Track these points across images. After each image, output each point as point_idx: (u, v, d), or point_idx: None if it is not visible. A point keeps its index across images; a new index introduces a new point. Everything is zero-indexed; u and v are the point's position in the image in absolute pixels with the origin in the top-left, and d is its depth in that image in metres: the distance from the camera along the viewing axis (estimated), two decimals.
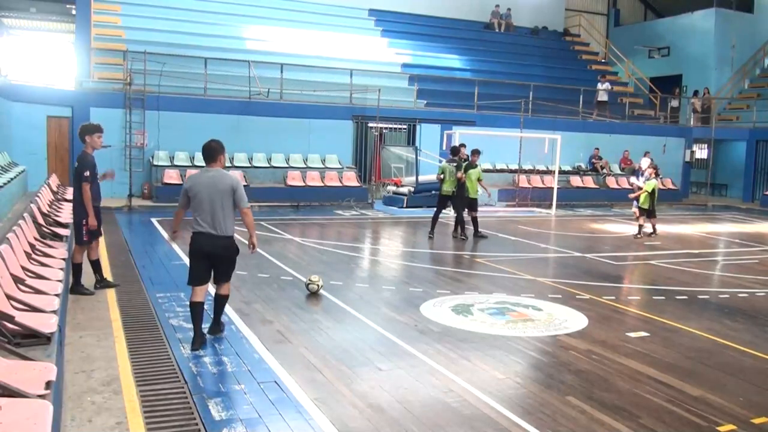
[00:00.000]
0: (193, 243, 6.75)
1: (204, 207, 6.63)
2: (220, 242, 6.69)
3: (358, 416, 5.30)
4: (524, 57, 30.94)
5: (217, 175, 6.72)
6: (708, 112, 29.03)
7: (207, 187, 6.63)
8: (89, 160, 8.68)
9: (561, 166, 23.27)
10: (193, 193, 6.68)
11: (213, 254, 6.71)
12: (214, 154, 6.80)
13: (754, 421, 5.52)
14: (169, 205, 17.95)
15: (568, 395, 5.91)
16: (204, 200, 6.62)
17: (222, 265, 6.85)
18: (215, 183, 6.65)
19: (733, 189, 29.25)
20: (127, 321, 7.53)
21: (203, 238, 6.66)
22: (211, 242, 6.65)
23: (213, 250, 6.69)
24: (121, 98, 19.14)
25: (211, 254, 6.71)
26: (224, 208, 6.64)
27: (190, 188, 6.71)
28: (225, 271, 6.93)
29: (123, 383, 5.73)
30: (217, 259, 6.77)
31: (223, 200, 6.62)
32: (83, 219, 8.56)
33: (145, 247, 12.58)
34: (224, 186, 6.64)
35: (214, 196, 6.61)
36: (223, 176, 6.72)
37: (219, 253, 6.74)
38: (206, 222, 6.62)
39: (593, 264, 12.61)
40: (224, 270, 6.92)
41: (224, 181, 6.67)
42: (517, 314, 8.60)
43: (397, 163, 22.91)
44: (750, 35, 31.78)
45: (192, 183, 6.75)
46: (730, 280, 11.62)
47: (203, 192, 6.62)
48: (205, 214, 6.62)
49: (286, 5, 27.82)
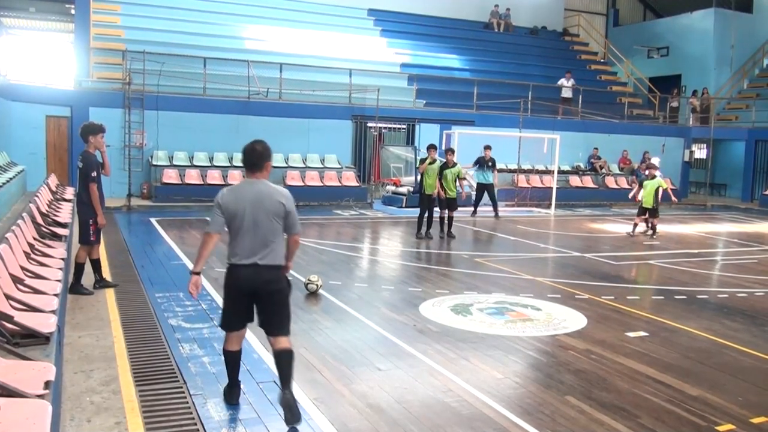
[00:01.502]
0: (230, 278, 5.21)
1: (246, 231, 5.12)
2: (267, 275, 5.15)
3: (357, 416, 5.30)
4: (523, 57, 30.93)
5: (264, 189, 5.16)
6: (707, 112, 29.04)
7: (251, 205, 5.10)
8: (94, 160, 8.65)
9: (560, 166, 23.27)
10: (231, 213, 5.13)
11: (257, 292, 5.17)
12: (260, 160, 5.20)
13: (753, 420, 5.52)
14: (168, 205, 18.04)
15: (567, 395, 5.91)
16: (246, 222, 5.11)
17: (271, 305, 5.21)
18: (261, 200, 5.12)
19: (732, 189, 29.26)
20: (126, 321, 7.52)
21: (245, 273, 5.13)
22: (255, 277, 5.12)
23: (257, 287, 5.14)
24: (120, 98, 19.14)
25: (255, 292, 5.18)
26: (273, 232, 5.15)
27: (227, 206, 5.15)
28: (277, 313, 5.22)
29: (122, 383, 5.73)
30: (263, 299, 5.20)
31: (272, 223, 5.13)
32: (90, 219, 8.56)
33: (144, 247, 12.57)
34: (273, 205, 5.13)
35: (259, 217, 5.10)
36: (272, 192, 5.18)
37: (266, 290, 5.16)
38: (249, 250, 5.11)
39: (592, 264, 12.61)
40: (276, 312, 5.22)
41: (274, 197, 5.14)
42: (516, 314, 8.60)
43: (396, 163, 22.91)
44: (749, 35, 31.77)
45: (229, 199, 5.17)
46: (729, 280, 11.63)
47: (245, 211, 5.10)
48: (247, 240, 5.12)
49: (285, 5, 27.81)
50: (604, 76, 32.72)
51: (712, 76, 31.16)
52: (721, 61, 31.46)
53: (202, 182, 19.36)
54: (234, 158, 20.40)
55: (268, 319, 5.25)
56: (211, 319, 7.73)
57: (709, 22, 31.39)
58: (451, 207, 14.96)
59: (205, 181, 19.44)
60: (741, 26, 31.50)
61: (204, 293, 8.94)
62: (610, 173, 26.21)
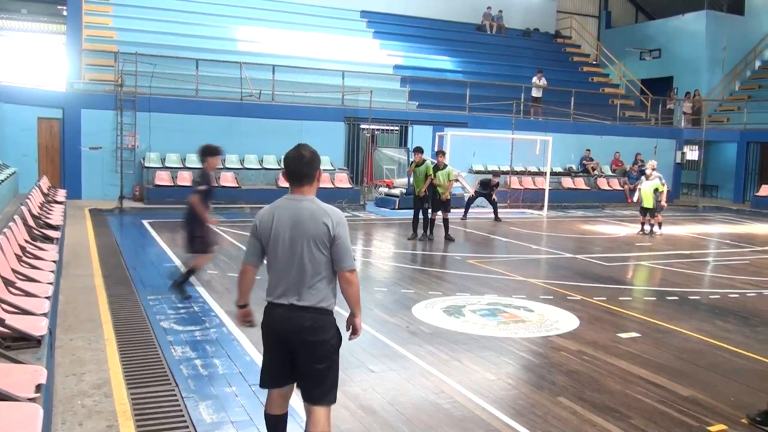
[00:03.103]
0: (264, 321, 4.17)
1: (282, 262, 4.07)
2: (305, 321, 4.02)
3: (349, 418, 5.30)
4: (516, 59, 30.99)
5: (308, 208, 4.05)
6: (699, 114, 29.14)
7: (290, 228, 4.04)
8: (208, 178, 8.99)
9: (552, 168, 23.32)
10: (266, 237, 4.12)
11: (291, 340, 4.05)
12: (308, 168, 4.11)
13: (745, 421, 5.54)
14: (160, 207, 17.98)
15: (559, 396, 5.92)
16: (283, 250, 4.06)
17: (308, 362, 4.05)
18: (302, 221, 4.02)
19: (724, 190, 29.39)
20: (117, 324, 7.50)
21: (278, 313, 4.08)
22: (290, 321, 4.03)
23: (291, 333, 4.04)
24: (112, 100, 19.09)
25: (289, 340, 4.06)
26: (316, 264, 4.02)
27: (262, 226, 4.15)
28: (315, 374, 4.06)
29: (114, 386, 5.71)
30: (299, 351, 4.06)
31: (313, 249, 4.01)
32: (195, 229, 8.73)
33: (137, 249, 12.55)
34: (316, 228, 4.00)
35: (298, 244, 4.02)
36: (317, 211, 4.03)
37: (302, 340, 4.03)
38: (285, 286, 4.06)
39: (584, 265, 12.63)
40: (313, 372, 4.06)
41: (318, 219, 4.01)
42: (508, 315, 8.61)
43: (389, 165, 22.93)
44: (741, 37, 31.94)
45: (266, 219, 4.14)
46: (721, 281, 11.67)
47: (283, 236, 4.05)
48: (281, 271, 4.07)
49: (278, 6, 27.82)
50: (597, 78, 32.81)
51: (704, 78, 31.29)
52: (713, 63, 31.60)
53: None
54: (226, 160, 20.37)
55: (303, 379, 4.12)
56: (203, 322, 7.73)
57: (700, 24, 31.53)
58: (445, 209, 14.96)
59: None
60: (732, 28, 31.68)
61: (196, 296, 8.93)
62: (602, 175, 26.29)
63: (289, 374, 4.15)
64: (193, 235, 8.76)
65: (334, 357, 4.11)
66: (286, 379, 4.18)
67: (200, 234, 8.76)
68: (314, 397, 4.10)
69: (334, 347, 4.11)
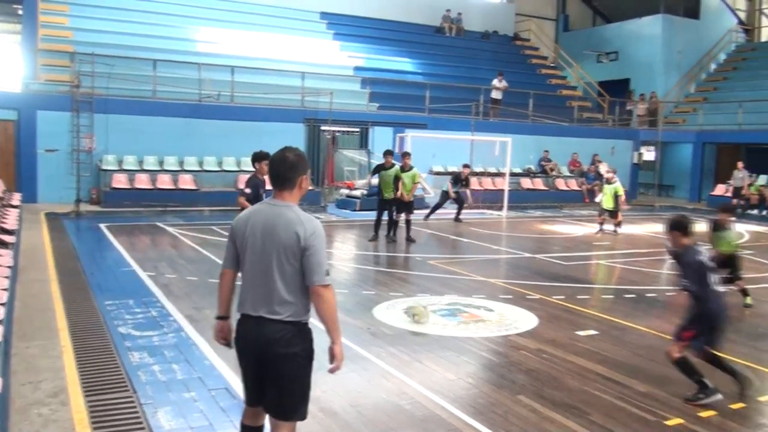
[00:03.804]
0: (236, 334, 3.97)
1: (250, 268, 3.86)
2: (273, 333, 3.76)
3: (310, 421, 5.25)
4: (475, 61, 31.20)
5: (282, 214, 3.80)
6: (655, 116, 29.68)
7: (260, 233, 3.81)
8: (254, 181, 9.47)
9: (511, 169, 23.53)
10: (240, 241, 3.91)
11: (262, 354, 3.80)
12: (289, 172, 3.88)
13: (701, 414, 5.68)
14: (118, 211, 17.74)
15: (519, 394, 5.99)
16: (252, 255, 3.84)
17: (275, 376, 3.81)
18: (275, 228, 3.78)
19: (680, 190, 29.95)
20: (74, 330, 7.37)
21: (248, 328, 3.85)
22: (257, 332, 3.80)
23: (261, 347, 3.79)
24: (69, 101, 18.72)
25: (259, 354, 3.81)
26: (284, 273, 3.76)
27: (236, 230, 3.94)
28: (282, 389, 3.83)
29: (71, 394, 5.62)
30: (267, 365, 3.81)
31: (283, 260, 3.75)
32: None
33: (94, 254, 12.35)
34: (287, 236, 3.74)
35: (268, 251, 3.77)
36: (291, 219, 3.78)
37: (270, 353, 3.78)
38: (252, 296, 3.84)
39: (543, 264, 12.78)
40: (280, 388, 3.83)
41: (290, 226, 3.75)
42: (468, 315, 8.68)
43: (349, 167, 22.92)
44: (696, 41, 32.65)
45: (242, 224, 3.92)
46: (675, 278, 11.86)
47: (253, 240, 3.83)
48: (251, 281, 3.85)
49: (237, 7, 27.61)
50: (555, 80, 33.21)
51: (660, 81, 31.85)
52: (669, 66, 32.21)
53: (152, 187, 19.09)
54: (185, 162, 20.18)
55: (269, 394, 3.86)
56: (161, 327, 7.64)
57: (657, 27, 32.11)
58: (408, 210, 14.98)
59: (155, 185, 19.18)
60: (688, 32, 32.33)
61: (154, 300, 8.84)
62: (560, 175, 26.62)
63: (258, 392, 3.91)
64: None
65: (301, 373, 3.85)
66: (260, 399, 3.92)
67: None
68: (275, 411, 3.88)
69: (305, 360, 3.85)
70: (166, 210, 18.36)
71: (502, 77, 27.13)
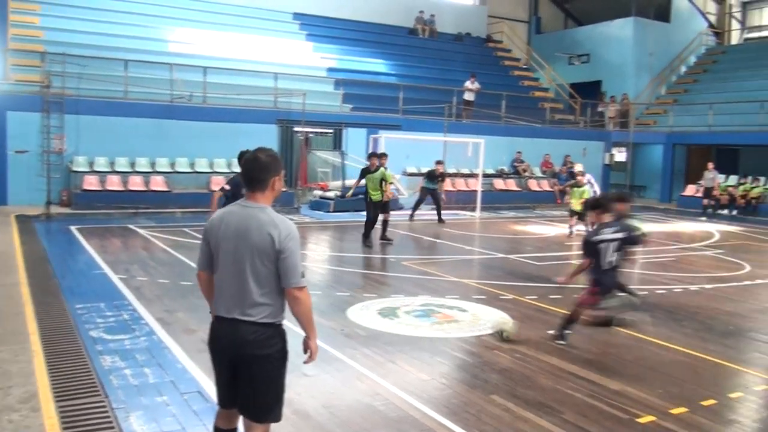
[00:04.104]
0: (209, 335, 3.99)
1: (224, 270, 3.85)
2: (248, 335, 3.77)
3: (283, 423, 5.23)
4: (448, 62, 31.33)
5: (256, 216, 3.80)
6: (627, 117, 30.02)
7: (234, 235, 3.81)
8: (236, 180, 8.91)
9: (484, 170, 23.64)
10: (213, 243, 3.90)
11: (235, 355, 3.82)
12: (262, 174, 3.87)
13: (673, 411, 5.75)
14: (89, 213, 17.54)
15: (492, 394, 6.02)
16: (225, 257, 3.84)
17: (249, 377, 3.82)
18: (248, 230, 3.78)
19: (651, 190, 30.31)
20: (45, 334, 7.27)
21: (222, 330, 3.87)
22: (232, 334, 3.80)
23: (235, 349, 3.80)
24: (39, 101, 18.47)
25: (233, 356, 3.83)
26: (258, 275, 3.76)
27: (209, 231, 3.93)
28: (256, 391, 3.84)
29: (42, 400, 5.54)
30: (240, 367, 3.83)
31: (257, 262, 3.75)
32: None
33: (64, 257, 12.21)
34: (261, 238, 3.74)
35: (241, 253, 3.77)
36: (264, 221, 3.77)
37: (244, 355, 3.79)
38: (226, 298, 3.84)
39: (516, 265, 12.87)
40: (254, 390, 3.84)
41: (263, 229, 3.75)
42: (442, 316, 8.71)
43: (323, 168, 22.89)
44: (667, 44, 33.12)
45: (214, 225, 3.92)
46: (648, 278, 12.03)
47: (226, 242, 3.82)
48: (224, 282, 3.85)
49: (210, 8, 27.43)
50: (527, 81, 33.43)
51: (632, 83, 32.20)
52: (640, 68, 32.59)
53: (124, 188, 18.92)
54: (157, 164, 20.01)
55: (243, 395, 3.86)
56: (133, 330, 7.58)
57: (628, 30, 32.48)
58: (384, 210, 14.92)
59: (127, 187, 19.00)
60: (659, 35, 32.80)
61: (125, 303, 8.76)
62: (532, 176, 26.81)
63: (232, 394, 3.92)
64: None
65: (276, 374, 3.86)
66: (233, 401, 3.92)
67: None
68: (250, 413, 3.87)
69: (280, 361, 3.86)
70: (137, 212, 18.20)
71: (475, 79, 27.26)
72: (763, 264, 13.93)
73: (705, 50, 35.66)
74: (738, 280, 12.03)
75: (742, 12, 37.52)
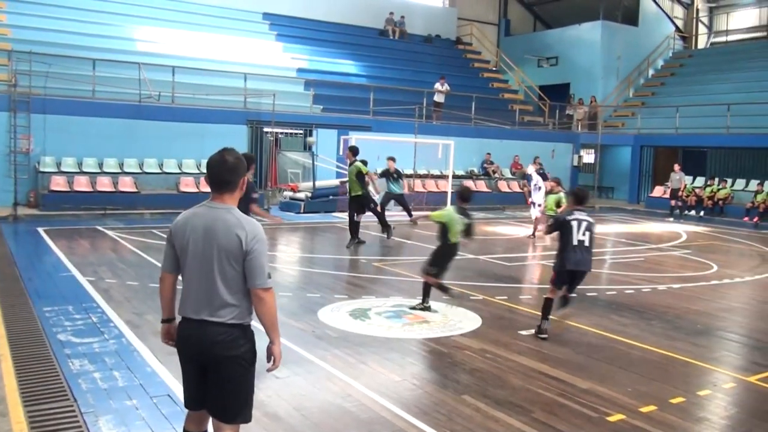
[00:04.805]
0: (177, 337, 3.96)
1: (191, 271, 3.82)
2: (216, 336, 3.76)
3: (254, 426, 5.24)
4: (418, 64, 31.44)
5: (222, 218, 3.78)
6: (595, 119, 30.35)
7: (201, 237, 3.78)
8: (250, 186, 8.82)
9: (455, 171, 23.76)
10: (179, 244, 3.86)
11: (204, 356, 3.80)
12: (229, 175, 3.86)
13: (642, 410, 5.83)
14: (56, 214, 17.30)
15: (463, 394, 6.06)
16: (192, 259, 3.81)
17: (218, 378, 3.81)
18: (215, 231, 3.76)
19: (619, 192, 30.69)
20: (12, 337, 7.17)
21: (189, 331, 3.83)
22: (200, 335, 3.78)
23: (203, 350, 3.79)
24: (6, 100, 18.19)
25: (201, 357, 3.82)
26: (225, 276, 3.75)
27: (175, 233, 3.89)
28: (226, 392, 3.82)
29: (9, 404, 5.47)
30: (209, 368, 3.82)
31: (224, 263, 3.74)
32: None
33: (32, 259, 12.02)
34: (228, 239, 3.73)
35: (209, 254, 3.76)
36: (232, 222, 3.76)
37: (212, 355, 3.77)
38: (196, 301, 3.80)
39: (486, 265, 12.95)
40: (223, 390, 3.82)
41: (230, 230, 3.73)
42: (413, 317, 8.74)
43: (293, 169, 22.81)
44: (634, 47, 33.59)
45: (179, 224, 3.89)
46: (617, 278, 12.19)
47: (193, 244, 3.79)
48: (192, 283, 3.82)
49: (178, 7, 27.24)
50: (496, 83, 33.68)
51: (600, 85, 32.60)
52: (608, 71, 33.00)
53: (92, 189, 18.69)
54: (125, 164, 19.80)
55: (212, 396, 3.84)
56: (102, 333, 7.50)
57: (596, 33, 32.88)
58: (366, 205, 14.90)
59: (95, 188, 18.78)
60: (627, 38, 33.28)
61: (94, 305, 8.67)
62: (502, 177, 27.00)
63: (200, 397, 3.90)
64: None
65: (245, 375, 3.85)
66: (202, 402, 3.90)
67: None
68: (219, 414, 3.86)
69: (249, 362, 3.85)
70: (106, 213, 18.00)
71: (445, 81, 27.38)
72: (730, 264, 14.19)
73: (672, 54, 36.25)
74: (705, 279, 12.24)
75: (708, 16, 38.16)
